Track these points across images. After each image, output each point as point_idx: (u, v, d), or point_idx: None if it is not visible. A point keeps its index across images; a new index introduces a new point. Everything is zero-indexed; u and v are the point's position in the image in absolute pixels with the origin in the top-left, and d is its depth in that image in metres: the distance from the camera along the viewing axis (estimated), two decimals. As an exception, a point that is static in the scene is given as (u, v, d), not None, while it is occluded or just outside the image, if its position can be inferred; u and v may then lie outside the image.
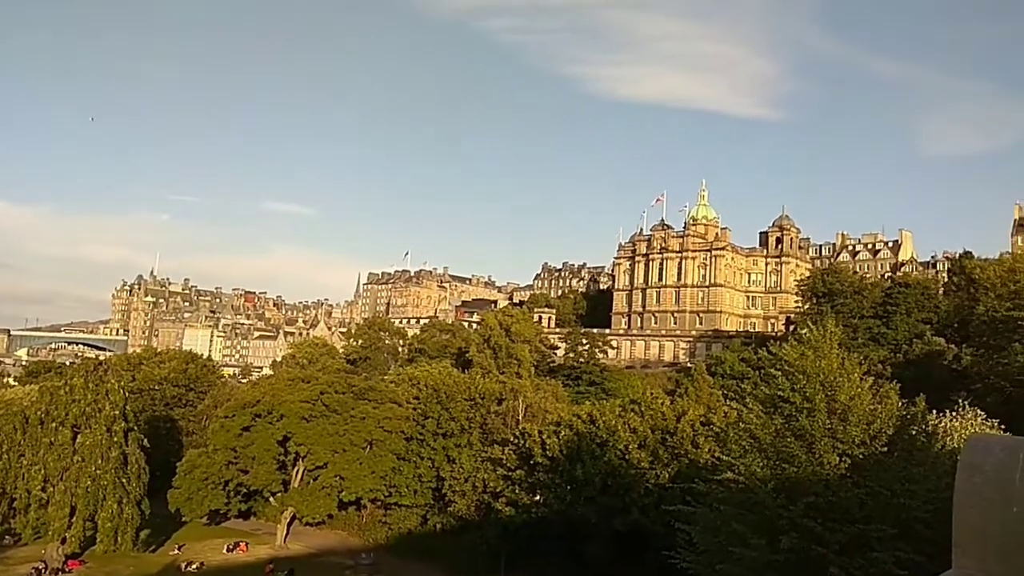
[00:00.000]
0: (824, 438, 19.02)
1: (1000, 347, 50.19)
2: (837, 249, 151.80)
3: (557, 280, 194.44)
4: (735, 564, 17.34)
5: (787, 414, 20.29)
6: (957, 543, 3.10)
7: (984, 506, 3.05)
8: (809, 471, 18.47)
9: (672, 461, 37.47)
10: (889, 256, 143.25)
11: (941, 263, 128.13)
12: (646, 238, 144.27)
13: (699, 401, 54.27)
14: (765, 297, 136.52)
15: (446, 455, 50.30)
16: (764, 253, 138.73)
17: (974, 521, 3.07)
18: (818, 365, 20.76)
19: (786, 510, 17.28)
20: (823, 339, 21.97)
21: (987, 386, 48.40)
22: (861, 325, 79.59)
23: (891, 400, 21.42)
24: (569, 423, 42.17)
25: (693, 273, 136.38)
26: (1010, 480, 3.07)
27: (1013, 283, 66.12)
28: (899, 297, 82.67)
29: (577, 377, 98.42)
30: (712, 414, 41.67)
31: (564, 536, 38.56)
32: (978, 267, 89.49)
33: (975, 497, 3.10)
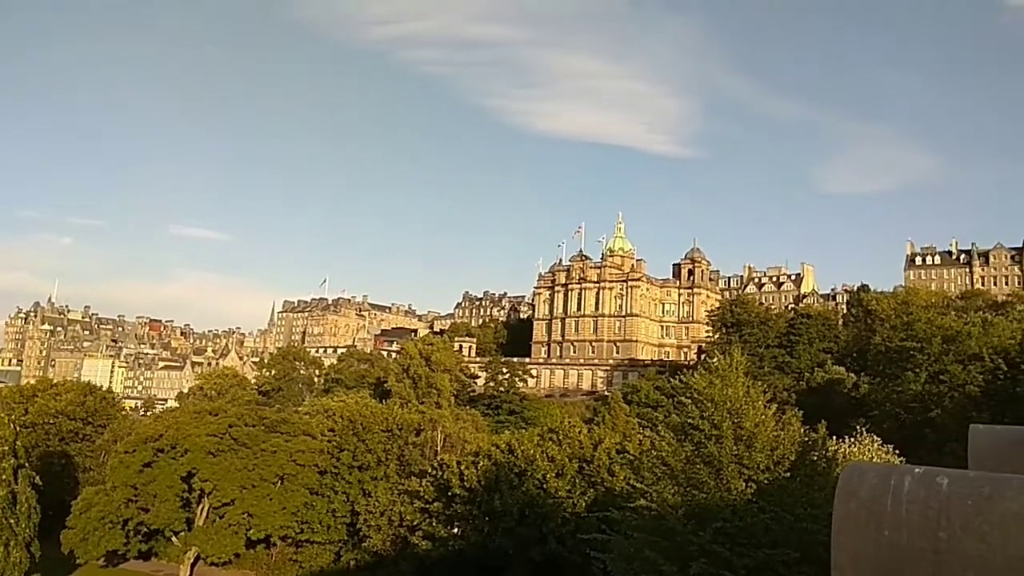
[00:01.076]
0: (731, 464, 19.66)
1: (895, 375, 53.22)
2: (744, 281, 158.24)
3: (478, 309, 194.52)
4: (648, 591, 17.60)
5: (697, 441, 20.87)
6: (835, 566, 3.28)
7: (859, 531, 3.25)
8: (717, 497, 19.01)
9: (589, 489, 37.77)
10: (792, 288, 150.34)
11: (841, 295, 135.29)
12: (565, 268, 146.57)
13: (615, 429, 55.12)
14: (678, 327, 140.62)
15: (361, 489, 49.09)
16: (677, 284, 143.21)
17: (850, 545, 3.25)
18: (725, 393, 21.48)
19: (696, 536, 17.69)
20: (730, 368, 22.80)
21: (883, 413, 51.13)
22: (767, 354, 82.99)
23: (794, 426, 22.36)
24: (488, 453, 41.97)
25: (610, 303, 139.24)
26: (883, 505, 3.28)
27: (906, 315, 70.64)
28: (802, 327, 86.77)
29: (497, 406, 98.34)
30: (628, 442, 42.40)
31: (482, 568, 38.13)
32: (874, 299, 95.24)
33: (851, 522, 3.29)
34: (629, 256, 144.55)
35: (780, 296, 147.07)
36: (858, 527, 3.26)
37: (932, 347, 49.90)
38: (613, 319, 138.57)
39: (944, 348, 49.22)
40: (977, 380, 45.66)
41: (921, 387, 48.66)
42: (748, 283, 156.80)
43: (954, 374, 46.87)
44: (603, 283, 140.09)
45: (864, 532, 3.25)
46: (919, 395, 48.51)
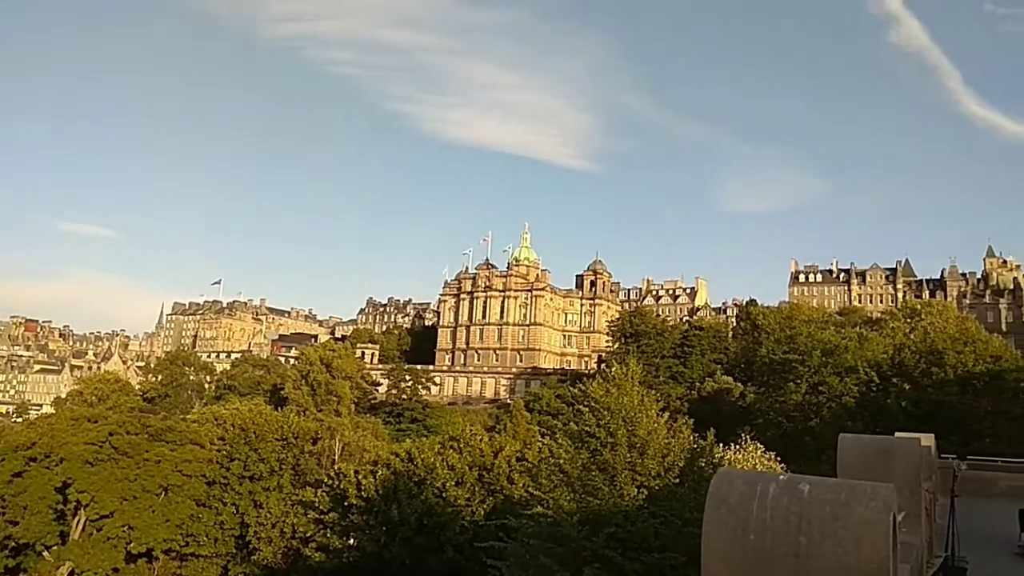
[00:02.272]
0: (625, 471, 20.15)
1: (778, 386, 56.11)
2: (643, 293, 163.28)
3: (382, 315, 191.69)
4: (542, 598, 17.76)
5: (593, 448, 21.27)
6: (705, 568, 3.41)
7: (727, 534, 3.39)
8: (611, 503, 19.43)
9: (488, 497, 37.80)
10: (687, 301, 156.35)
11: (731, 309, 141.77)
12: (471, 276, 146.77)
13: (516, 437, 55.43)
14: (580, 336, 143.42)
15: (252, 499, 47.25)
16: (580, 295, 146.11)
17: (719, 548, 3.39)
18: (621, 402, 22.02)
19: (590, 541, 18.01)
20: (626, 377, 23.42)
21: (767, 421, 53.81)
22: (662, 364, 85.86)
23: (684, 434, 23.14)
24: (387, 462, 41.29)
25: (515, 312, 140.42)
26: (749, 511, 3.43)
27: (789, 329, 74.79)
28: (695, 339, 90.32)
29: (399, 414, 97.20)
30: (528, 449, 42.74)
31: (378, 579, 37.40)
32: (761, 314, 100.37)
33: (719, 527, 3.43)
34: (534, 266, 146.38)
35: (676, 308, 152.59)
36: (726, 531, 3.40)
37: (812, 360, 52.95)
38: (517, 328, 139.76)
39: (823, 361, 52.33)
40: (852, 391, 48.79)
41: (802, 397, 51.53)
42: (647, 295, 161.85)
43: (832, 385, 49.91)
44: (508, 292, 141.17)
45: (732, 536, 3.38)
46: (800, 405, 51.36)
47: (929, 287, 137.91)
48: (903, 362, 48.50)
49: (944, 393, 43.73)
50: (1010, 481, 22.01)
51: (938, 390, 44.23)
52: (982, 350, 49.34)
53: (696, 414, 59.01)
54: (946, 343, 49.31)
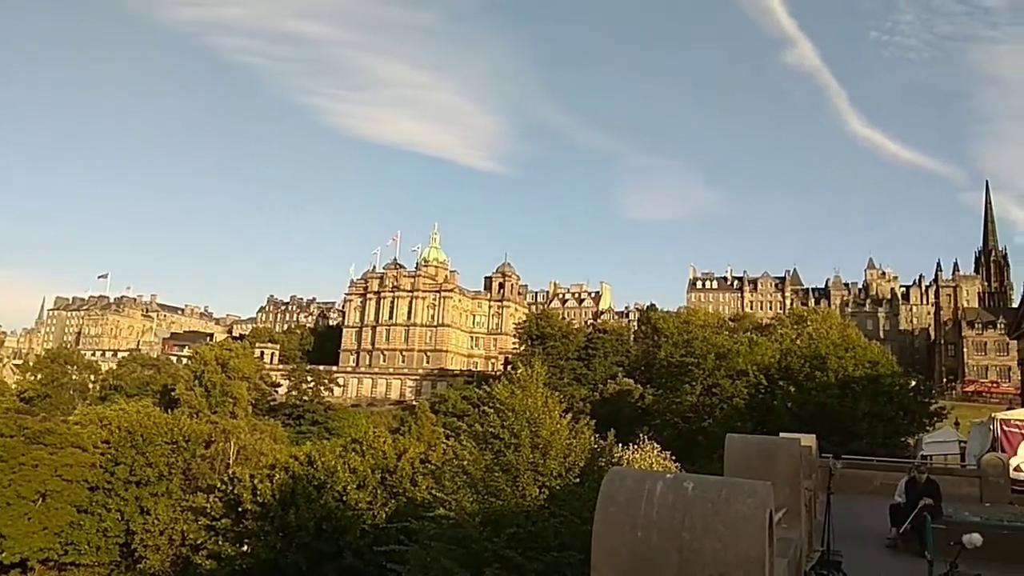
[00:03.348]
0: (527, 471, 20.39)
1: (675, 388, 58.13)
2: (550, 296, 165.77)
3: (284, 314, 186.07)
4: (441, 601, 17.72)
5: (496, 449, 21.41)
6: (595, 566, 3.51)
7: (616, 531, 3.51)
8: (513, 503, 19.63)
9: (390, 500, 37.35)
10: (592, 305, 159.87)
11: (633, 313, 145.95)
12: (379, 276, 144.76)
13: (421, 439, 55.11)
14: (487, 338, 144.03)
15: (139, 506, 44.89)
16: (488, 297, 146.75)
17: (608, 545, 3.51)
18: (525, 403, 22.28)
19: (491, 542, 18.11)
20: (531, 379, 23.73)
21: (664, 422, 55.67)
22: (567, 366, 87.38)
23: (585, 435, 23.63)
24: (285, 465, 40.09)
25: (422, 313, 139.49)
26: (637, 508, 3.56)
27: (686, 333, 77.70)
28: (598, 342, 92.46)
29: (300, 416, 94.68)
30: (432, 451, 42.49)
31: (273, 586, 36.24)
32: (660, 318, 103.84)
33: (609, 525, 3.55)
34: (443, 267, 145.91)
35: (581, 312, 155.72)
36: (615, 529, 3.51)
37: (707, 363, 55.19)
38: (425, 329, 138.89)
39: (717, 364, 54.62)
40: (743, 393, 51.17)
41: (696, 399, 53.62)
42: (553, 298, 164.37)
43: (724, 388, 52.18)
44: (416, 292, 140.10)
45: (620, 533, 3.50)
46: (695, 406, 53.42)
47: (815, 295, 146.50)
48: (789, 366, 51.25)
49: (826, 396, 46.49)
50: (883, 479, 23.58)
51: (820, 393, 46.96)
52: (861, 356, 52.77)
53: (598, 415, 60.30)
54: (829, 349, 52.44)
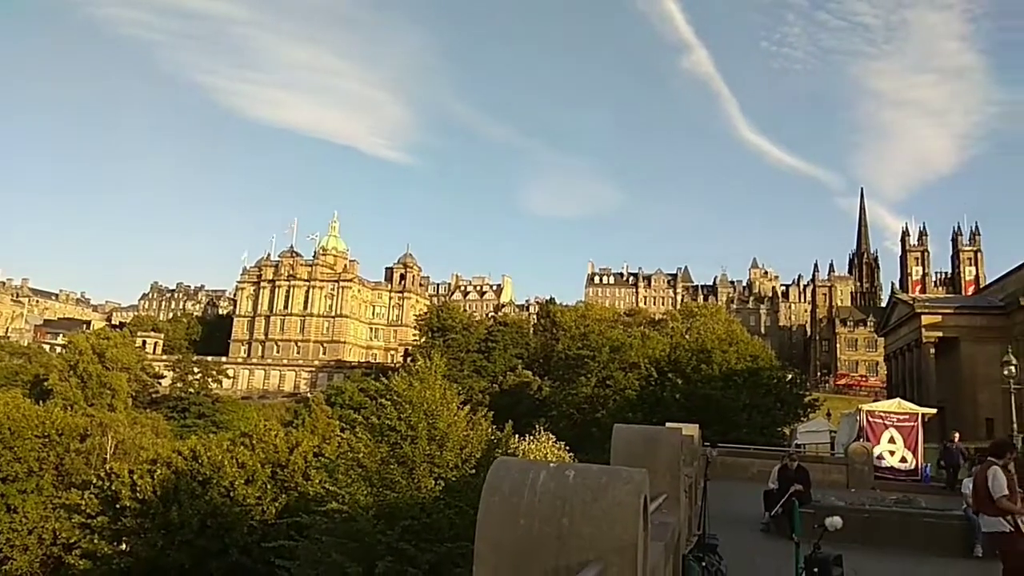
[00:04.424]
0: (423, 463, 20.42)
1: (571, 380, 59.53)
2: (452, 288, 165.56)
3: (169, 302, 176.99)
4: (332, 596, 17.48)
5: (393, 442, 21.31)
6: (478, 555, 3.57)
7: (499, 521, 3.58)
8: (408, 496, 19.60)
9: (281, 495, 36.39)
10: (493, 298, 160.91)
11: (533, 306, 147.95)
12: (274, 264, 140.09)
13: (316, 432, 53.86)
14: (387, 329, 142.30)
15: (5, 503, 41.66)
16: (388, 288, 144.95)
17: (492, 534, 3.57)
18: (423, 395, 22.28)
19: (384, 535, 18.02)
20: (429, 371, 23.74)
21: (560, 413, 56.89)
22: (467, 358, 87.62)
23: (483, 426, 23.90)
24: (168, 460, 38.27)
25: (320, 303, 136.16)
26: (520, 496, 3.65)
27: (584, 327, 79.64)
28: (499, 334, 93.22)
29: (185, 409, 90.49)
30: (327, 444, 41.66)
31: (153, 587, 34.55)
32: (559, 312, 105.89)
33: (493, 514, 3.62)
34: (342, 256, 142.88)
35: (483, 304, 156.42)
36: (499, 518, 3.58)
37: (602, 356, 56.79)
38: (322, 319, 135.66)
39: (611, 357, 56.31)
40: (634, 385, 52.98)
41: (591, 390, 55.09)
42: (455, 290, 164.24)
43: (618, 380, 53.88)
44: (314, 282, 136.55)
45: (503, 522, 3.57)
46: (590, 397, 54.87)
47: (704, 292, 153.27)
48: (678, 359, 53.43)
49: (711, 388, 48.79)
50: (760, 467, 24.99)
51: (706, 385, 49.24)
52: (744, 350, 55.72)
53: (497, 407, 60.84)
54: (714, 343, 55.04)
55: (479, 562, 3.57)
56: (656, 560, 4.61)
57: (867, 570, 10.54)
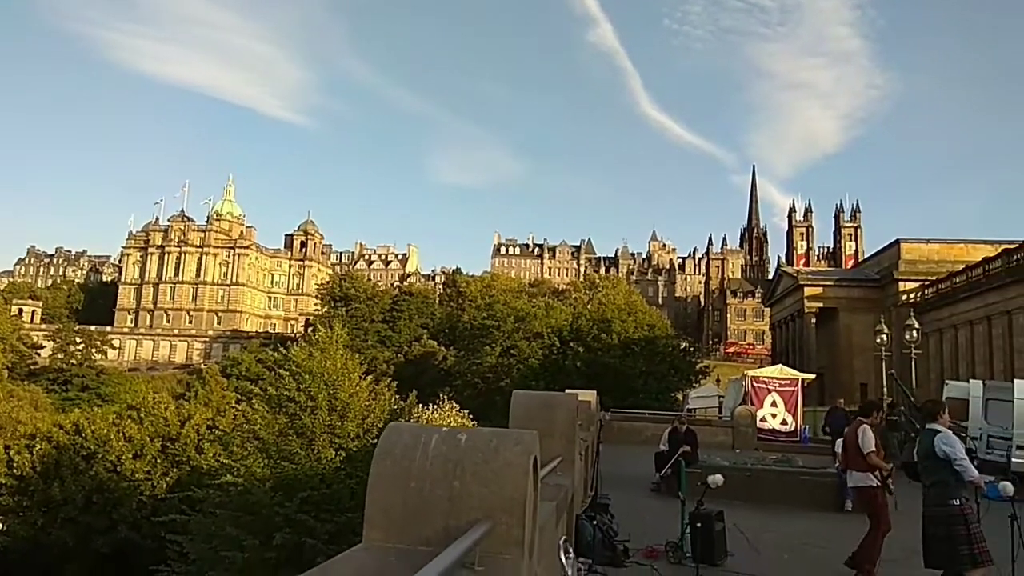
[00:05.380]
0: (323, 434, 20.15)
1: (476, 349, 59.90)
2: (356, 257, 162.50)
3: (47, 268, 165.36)
4: (227, 570, 17.07)
5: (291, 413, 20.90)
6: (368, 520, 3.58)
7: (390, 485, 3.60)
8: (307, 467, 19.32)
9: (172, 469, 35.10)
10: (399, 267, 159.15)
11: (439, 276, 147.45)
12: (163, 229, 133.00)
13: (210, 404, 52.13)
14: (287, 299, 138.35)
15: None
16: (288, 255, 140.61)
17: (382, 499, 3.59)
18: (324, 365, 21.90)
19: (282, 507, 17.72)
20: (330, 341, 23.33)
21: (465, 382, 57.31)
22: (371, 328, 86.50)
23: (385, 396, 23.77)
24: (48, 435, 36.11)
25: (214, 270, 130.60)
26: (412, 460, 3.68)
27: (489, 297, 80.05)
28: (404, 304, 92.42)
29: (66, 381, 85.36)
30: (221, 417, 40.44)
31: (33, 567, 32.69)
32: (465, 282, 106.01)
33: (384, 478, 3.63)
34: (238, 222, 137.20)
35: (388, 274, 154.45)
36: (390, 481, 3.60)
37: (507, 326, 57.43)
38: (216, 287, 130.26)
39: (516, 327, 57.04)
40: (538, 355, 54.01)
41: (496, 360, 55.73)
42: (359, 259, 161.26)
43: (522, 349, 54.72)
44: (207, 248, 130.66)
45: (394, 486, 3.60)
46: (494, 367, 55.49)
47: (606, 264, 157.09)
48: (580, 329, 54.82)
49: (610, 356, 50.43)
50: (654, 430, 26.01)
51: (606, 353, 50.84)
52: (642, 320, 57.77)
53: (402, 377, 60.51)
54: (614, 313, 56.76)
55: (369, 526, 3.59)
56: (546, 518, 4.76)
57: (747, 524, 11.25)
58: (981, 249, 49.42)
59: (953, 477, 6.72)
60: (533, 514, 3.99)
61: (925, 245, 54.92)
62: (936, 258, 52.72)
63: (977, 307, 43.98)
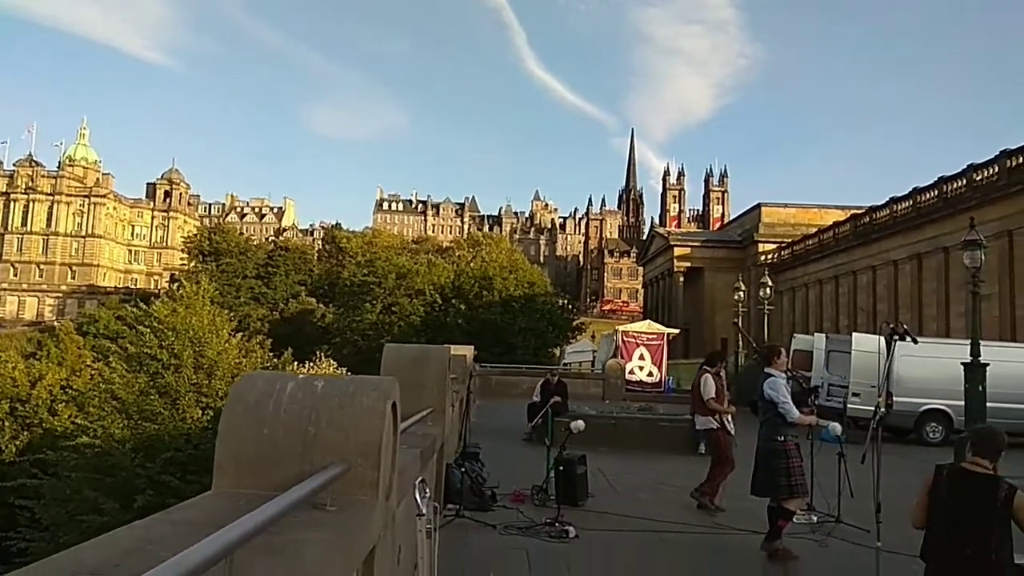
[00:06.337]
0: (189, 393, 19.40)
1: (357, 307, 59.05)
2: (227, 209, 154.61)
3: None
4: (83, 534, 16.24)
5: (153, 371, 19.96)
6: (218, 467, 3.56)
7: (241, 432, 3.58)
8: (172, 427, 18.58)
9: (22, 432, 32.78)
10: (274, 221, 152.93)
11: (318, 231, 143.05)
12: (8, 174, 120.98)
13: (64, 364, 48.73)
14: (150, 252, 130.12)
15: None
16: (151, 206, 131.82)
17: (232, 446, 3.57)
18: (189, 322, 20.96)
19: (144, 468, 17.02)
20: (196, 296, 22.29)
21: (344, 340, 56.48)
22: (244, 285, 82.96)
23: (257, 354, 23.11)
24: None
25: (67, 220, 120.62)
26: (265, 407, 3.66)
27: (371, 253, 78.74)
28: (280, 260, 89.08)
29: None
30: (77, 377, 37.99)
31: None
32: (346, 238, 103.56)
33: (235, 426, 3.60)
34: (94, 168, 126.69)
35: (262, 228, 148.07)
36: (241, 428, 3.58)
37: (388, 283, 56.90)
38: (70, 239, 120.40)
39: (397, 284, 56.64)
40: (420, 312, 53.98)
41: (376, 317, 55.22)
42: (230, 212, 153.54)
43: (403, 306, 54.48)
44: (59, 196, 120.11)
45: (247, 433, 3.58)
46: (375, 324, 54.98)
47: (490, 222, 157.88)
48: (462, 286, 55.17)
49: (491, 313, 51.20)
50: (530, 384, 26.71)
51: (487, 310, 51.55)
52: (523, 277, 58.85)
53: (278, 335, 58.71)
54: (496, 271, 57.48)
55: (219, 472, 3.57)
56: (408, 463, 4.87)
57: (610, 468, 11.94)
58: (832, 213, 53.59)
59: (779, 418, 7.41)
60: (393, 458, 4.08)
61: (783, 209, 58.85)
62: (792, 221, 56.67)
63: (827, 267, 47.85)
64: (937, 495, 4.64)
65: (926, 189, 37.90)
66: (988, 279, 29.68)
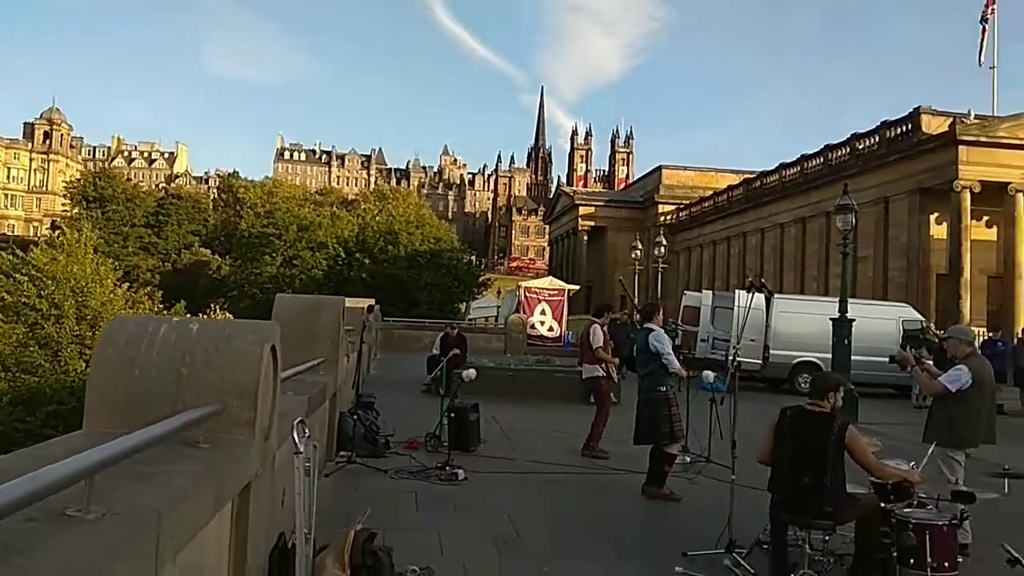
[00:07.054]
0: (71, 345, 18.48)
1: (255, 259, 57.18)
2: (113, 153, 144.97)
3: None
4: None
5: (32, 322, 18.86)
6: (88, 408, 3.54)
7: (112, 373, 3.57)
8: (53, 380, 17.69)
9: None
10: (165, 167, 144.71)
11: (214, 180, 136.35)
12: None
13: (-72, 316, 44.96)
14: (28, 197, 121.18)
15: None
16: (29, 147, 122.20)
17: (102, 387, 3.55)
18: (71, 271, 19.84)
19: (23, 423, 16.19)
20: (79, 244, 21.07)
21: (242, 293, 54.72)
22: (132, 233, 78.55)
23: (145, 305, 22.18)
24: None
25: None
26: (137, 349, 3.65)
27: (271, 204, 75.97)
28: (172, 208, 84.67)
29: None
30: (-56, 330, 35.19)
31: None
32: (244, 187, 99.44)
33: (105, 367, 3.59)
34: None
35: (152, 174, 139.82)
36: (112, 370, 3.57)
37: (289, 235, 55.30)
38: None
39: (299, 236, 55.13)
40: (322, 265, 52.89)
41: (276, 270, 53.71)
42: (117, 156, 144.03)
43: (305, 259, 53.20)
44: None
45: (117, 375, 3.57)
46: (274, 277, 53.48)
47: (397, 176, 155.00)
48: (366, 240, 54.34)
49: (396, 268, 50.79)
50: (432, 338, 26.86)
51: (392, 265, 51.11)
52: (429, 233, 58.49)
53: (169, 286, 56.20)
54: (402, 225, 56.86)
55: (88, 414, 3.56)
56: (293, 407, 4.94)
57: (505, 416, 12.34)
58: (727, 177, 55.80)
59: (662, 369, 7.91)
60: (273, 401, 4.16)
61: (682, 172, 60.79)
62: (691, 184, 58.68)
63: (720, 229, 49.99)
64: (781, 433, 5.16)
65: (813, 156, 40.00)
66: (864, 243, 32.01)
